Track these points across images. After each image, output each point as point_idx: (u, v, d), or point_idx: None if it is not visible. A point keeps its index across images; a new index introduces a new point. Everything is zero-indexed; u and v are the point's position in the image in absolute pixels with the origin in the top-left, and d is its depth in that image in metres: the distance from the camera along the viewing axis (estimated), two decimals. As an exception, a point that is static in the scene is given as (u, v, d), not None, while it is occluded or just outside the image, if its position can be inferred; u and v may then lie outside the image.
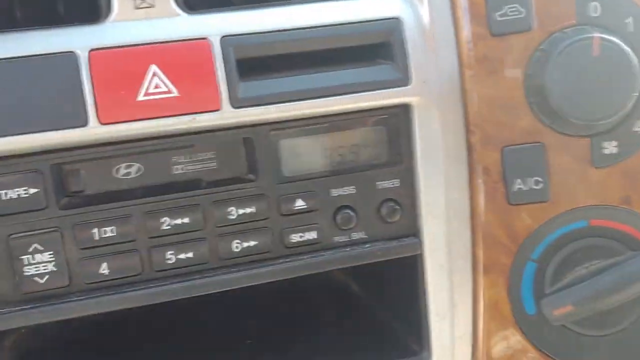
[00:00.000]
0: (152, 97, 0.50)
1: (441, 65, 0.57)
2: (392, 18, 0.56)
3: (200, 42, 0.52)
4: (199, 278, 0.56)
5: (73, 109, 0.49)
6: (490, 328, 0.61)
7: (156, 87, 0.50)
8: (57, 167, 0.52)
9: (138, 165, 0.55)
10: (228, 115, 0.53)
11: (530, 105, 0.57)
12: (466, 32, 0.58)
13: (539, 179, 0.58)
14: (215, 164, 0.57)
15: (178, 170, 0.56)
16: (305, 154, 0.57)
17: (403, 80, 0.56)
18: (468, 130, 0.58)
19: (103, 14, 0.52)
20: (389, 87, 0.56)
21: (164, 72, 0.50)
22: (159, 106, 0.51)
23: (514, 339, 0.61)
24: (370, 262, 0.59)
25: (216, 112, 0.52)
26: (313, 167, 0.57)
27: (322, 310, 0.71)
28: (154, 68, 0.50)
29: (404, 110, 0.58)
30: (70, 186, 0.53)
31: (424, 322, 0.62)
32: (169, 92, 0.51)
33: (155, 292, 0.55)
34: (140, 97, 0.50)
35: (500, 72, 0.57)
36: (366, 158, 0.58)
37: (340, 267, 0.59)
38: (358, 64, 0.56)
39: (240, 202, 0.56)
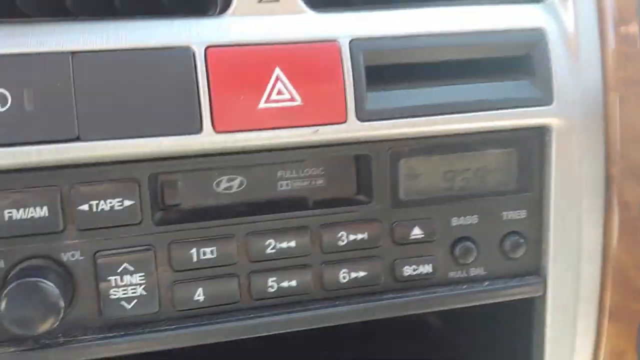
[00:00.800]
0: (274, 104, 0.44)
1: (585, 84, 0.51)
2: (536, 29, 0.50)
3: (328, 45, 0.45)
4: (301, 310, 0.49)
5: (185, 113, 0.43)
6: (613, 381, 0.55)
7: (279, 93, 0.44)
8: (154, 177, 0.46)
9: (241, 178, 0.48)
10: (353, 128, 0.46)
11: (684, 136, 0.51)
12: (613, 48, 0.51)
13: (688, 219, 0.51)
14: (322, 181, 0.50)
15: (283, 186, 0.49)
16: (425, 176, 0.51)
17: (544, 99, 0.50)
18: (609, 160, 0.52)
19: (220, 6, 0.45)
20: (528, 106, 0.49)
21: (287, 77, 0.44)
22: (280, 115, 0.44)
23: (640, 395, 0.55)
24: (487, 302, 0.53)
25: (341, 125, 0.46)
26: (433, 192, 0.51)
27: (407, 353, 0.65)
28: (278, 71, 0.44)
29: (541, 132, 0.51)
30: (166, 199, 0.47)
31: (538, 371, 0.55)
32: (292, 99, 0.44)
33: (253, 323, 0.48)
34: (262, 104, 0.44)
35: (653, 97, 0.51)
36: (493, 184, 0.52)
37: (455, 307, 0.52)
38: (494, 78, 0.50)
39: (352, 226, 0.49)
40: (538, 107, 0.50)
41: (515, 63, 0.50)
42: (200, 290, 0.47)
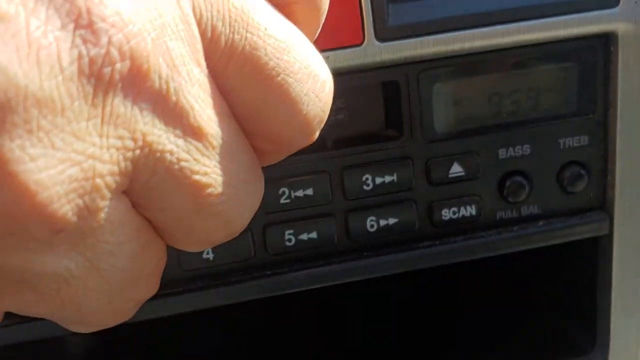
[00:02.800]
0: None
1: (660, -22, 0.42)
2: None
3: (336, -53, 0.37)
4: (335, 263, 0.43)
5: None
6: (694, 329, 0.47)
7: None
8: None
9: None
10: (373, 51, 0.39)
11: None
12: None
13: None
14: (343, 115, 0.43)
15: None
16: (466, 102, 0.43)
17: (607, 0, 0.41)
18: (690, 70, 0.43)
19: None
20: (589, 10, 0.41)
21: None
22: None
23: None
24: (542, 245, 0.46)
25: (358, 47, 0.38)
26: (476, 120, 0.43)
27: (469, 298, 0.58)
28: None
29: (605, 41, 0.43)
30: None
31: (602, 318, 0.49)
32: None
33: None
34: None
35: None
36: (548, 107, 0.44)
37: (505, 251, 0.45)
38: (545, -22, 0.41)
39: (377, 167, 0.42)
40: (600, 11, 0.41)
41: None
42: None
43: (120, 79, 0.19)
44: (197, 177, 0.22)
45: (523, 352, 0.52)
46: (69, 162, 0.19)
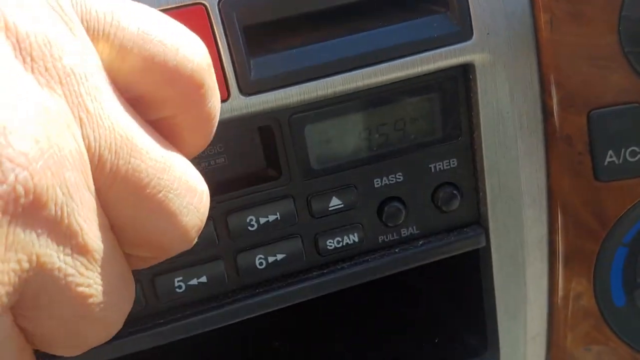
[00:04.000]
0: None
1: (509, 8, 0.45)
2: (443, -52, 0.43)
3: (193, 9, 0.39)
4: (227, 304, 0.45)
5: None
6: (571, 325, 0.52)
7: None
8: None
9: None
10: (239, 105, 0.41)
11: (626, 55, 0.45)
12: (539, -41, 0.44)
13: (637, 149, 0.46)
14: (223, 159, 0.45)
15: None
16: (337, 139, 0.45)
17: (462, 33, 0.44)
18: (544, 91, 0.46)
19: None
20: (444, 45, 0.43)
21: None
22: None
23: (601, 335, 0.52)
24: (424, 263, 0.49)
25: (224, 103, 0.40)
26: (349, 155, 0.45)
27: (374, 302, 0.61)
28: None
29: (463, 71, 0.45)
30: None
31: (490, 322, 0.52)
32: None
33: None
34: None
35: (587, 14, 0.44)
36: (415, 135, 0.46)
37: (389, 273, 0.48)
38: (399, 17, 0.43)
39: (261, 208, 0.45)
40: (456, 45, 0.43)
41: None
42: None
43: (22, 211, 0.21)
44: (80, 288, 0.24)
45: (424, 355, 0.56)
46: None
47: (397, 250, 0.48)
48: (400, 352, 0.57)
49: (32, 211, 0.21)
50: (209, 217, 0.43)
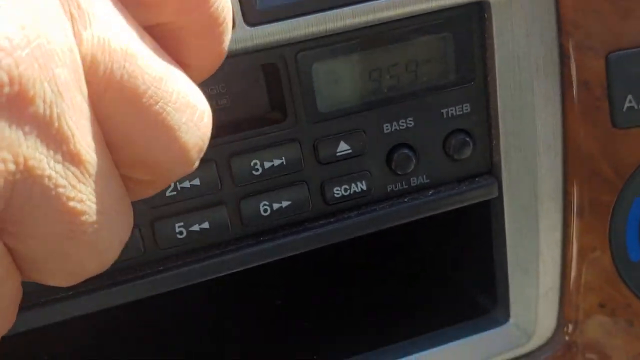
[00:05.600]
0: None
1: (527, -59, 0.43)
2: None
3: None
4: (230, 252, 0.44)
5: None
6: (585, 281, 0.50)
7: None
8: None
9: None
10: (244, 36, 0.39)
11: (649, -7, 0.43)
12: None
13: (658, 92, 0.45)
14: (226, 100, 0.43)
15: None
16: (346, 80, 0.43)
17: (477, -33, 0.42)
18: (561, 32, 0.44)
19: None
20: (458, -21, 0.41)
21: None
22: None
23: (615, 291, 0.50)
24: (434, 213, 0.47)
25: (227, 35, 0.38)
26: (358, 97, 0.44)
27: (375, 262, 0.60)
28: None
29: (478, 8, 0.44)
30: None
31: (501, 277, 0.51)
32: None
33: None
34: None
35: (609, -51, 0.43)
36: (427, 78, 0.44)
37: (397, 223, 0.46)
38: (414, -51, 0.41)
39: (265, 152, 0.43)
40: (470, -21, 0.42)
41: None
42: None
43: (7, 102, 0.19)
44: (72, 203, 0.22)
45: (430, 315, 0.54)
46: None
47: (405, 200, 0.46)
48: (404, 311, 0.55)
49: (18, 104, 0.19)
50: (212, 160, 0.42)
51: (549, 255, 0.50)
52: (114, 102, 0.23)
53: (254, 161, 0.43)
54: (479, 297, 0.54)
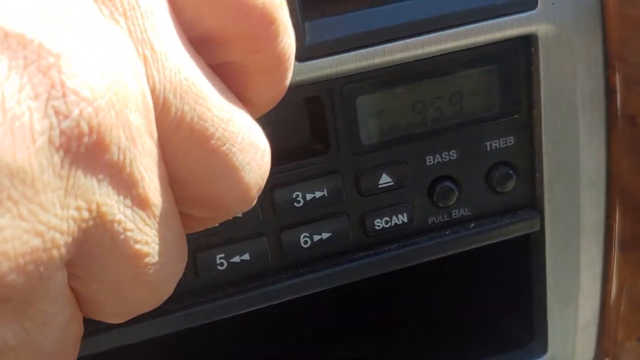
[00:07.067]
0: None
1: (576, -23, 0.42)
2: None
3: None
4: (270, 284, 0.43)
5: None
6: (624, 314, 0.50)
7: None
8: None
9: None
10: (294, 71, 0.38)
11: (699, 29, 0.43)
12: None
13: None
14: (269, 132, 0.43)
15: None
16: (390, 112, 0.43)
17: (526, 2, 0.41)
18: (608, 67, 0.44)
19: None
20: (508, 14, 0.41)
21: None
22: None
23: (654, 326, 0.50)
24: (477, 246, 0.47)
25: (276, 70, 0.38)
26: (401, 129, 0.43)
27: (413, 293, 0.59)
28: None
29: (525, 43, 0.43)
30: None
31: (539, 310, 0.50)
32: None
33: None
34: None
35: (660, -16, 0.42)
36: (472, 110, 0.44)
37: (439, 256, 0.46)
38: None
39: (307, 184, 0.42)
40: (519, 14, 0.41)
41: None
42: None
43: (85, 151, 0.19)
44: (138, 246, 0.22)
45: (467, 346, 0.54)
46: (33, 233, 0.19)
47: (447, 233, 0.46)
48: (441, 342, 0.55)
49: (95, 153, 0.19)
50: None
51: (589, 289, 0.50)
52: (182, 143, 0.23)
53: (295, 193, 0.43)
54: (516, 329, 0.53)
